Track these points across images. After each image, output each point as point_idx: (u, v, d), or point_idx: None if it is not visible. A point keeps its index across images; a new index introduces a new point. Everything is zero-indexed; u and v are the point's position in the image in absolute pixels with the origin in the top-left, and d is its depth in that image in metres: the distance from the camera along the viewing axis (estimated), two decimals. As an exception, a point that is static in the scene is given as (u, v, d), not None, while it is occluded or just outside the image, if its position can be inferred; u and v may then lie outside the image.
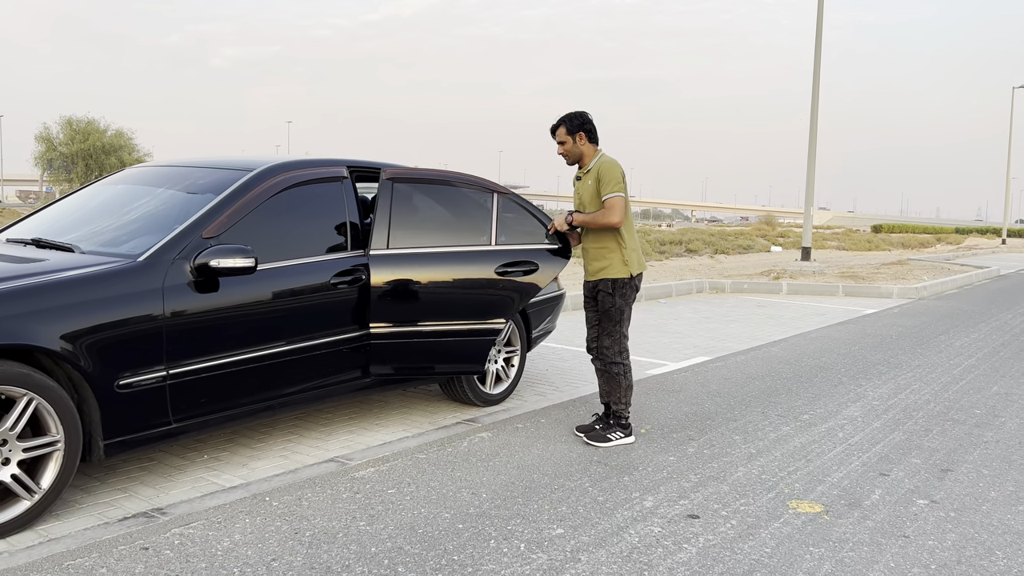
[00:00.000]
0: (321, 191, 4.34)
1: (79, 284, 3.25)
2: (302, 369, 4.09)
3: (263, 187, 4.04)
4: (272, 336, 3.91)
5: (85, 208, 4.26)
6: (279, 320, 3.94)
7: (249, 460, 4.10)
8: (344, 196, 4.44)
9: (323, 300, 4.15)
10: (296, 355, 4.04)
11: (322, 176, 4.37)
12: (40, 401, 3.08)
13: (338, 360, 4.28)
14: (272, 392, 3.98)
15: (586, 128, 4.51)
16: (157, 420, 3.51)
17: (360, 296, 4.34)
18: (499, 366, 5.36)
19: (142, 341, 3.39)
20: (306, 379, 4.13)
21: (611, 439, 4.47)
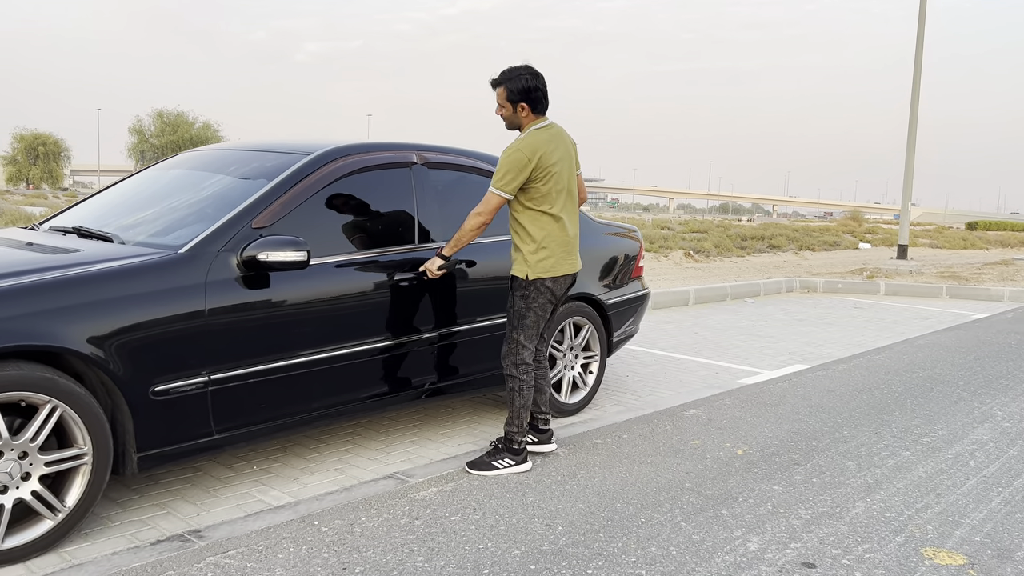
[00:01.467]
0: (387, 178, 3.93)
1: (110, 279, 2.91)
2: (362, 376, 3.69)
3: (321, 173, 3.65)
4: (330, 338, 3.53)
5: (135, 195, 3.95)
6: (337, 321, 3.54)
7: (301, 474, 3.72)
8: (413, 184, 4.02)
9: (386, 299, 3.74)
10: (355, 360, 3.64)
11: (388, 161, 3.95)
12: (65, 409, 2.74)
13: (404, 366, 3.86)
14: (329, 401, 3.59)
15: (531, 98, 3.68)
16: (197, 431, 3.15)
17: (428, 293, 3.93)
18: (576, 373, 4.88)
19: (180, 342, 3.03)
20: (366, 387, 3.73)
21: (497, 467, 3.76)
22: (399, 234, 3.91)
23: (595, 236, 4.99)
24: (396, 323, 3.79)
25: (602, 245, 5.01)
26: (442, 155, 4.26)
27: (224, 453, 3.60)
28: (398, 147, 4.06)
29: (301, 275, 3.41)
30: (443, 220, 4.11)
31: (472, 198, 4.33)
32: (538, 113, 3.77)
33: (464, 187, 4.36)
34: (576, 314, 4.76)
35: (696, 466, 3.97)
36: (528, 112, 3.73)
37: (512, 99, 3.69)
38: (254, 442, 3.41)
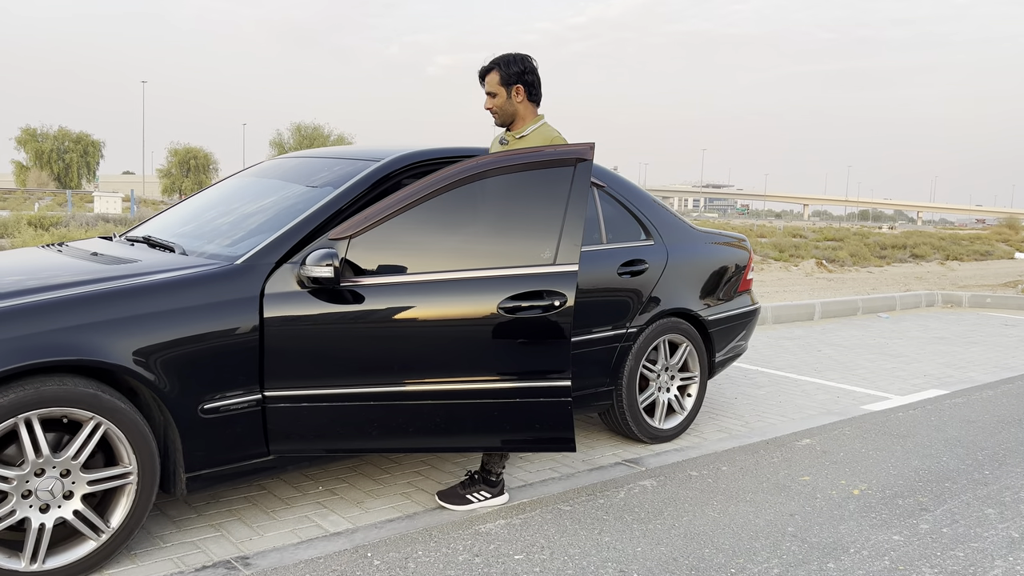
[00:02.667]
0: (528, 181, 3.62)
1: (159, 291, 2.80)
2: (441, 420, 3.15)
3: (420, 183, 3.16)
4: (416, 369, 3.06)
5: (216, 203, 3.89)
6: (424, 350, 3.06)
7: (366, 497, 3.53)
8: (571, 187, 3.73)
9: (488, 329, 3.07)
10: (436, 400, 3.10)
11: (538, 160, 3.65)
12: (109, 426, 2.65)
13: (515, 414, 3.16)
14: (404, 435, 3.16)
15: (526, 80, 3.38)
16: (250, 451, 3.01)
17: (546, 325, 3.08)
18: (672, 396, 4.48)
19: (232, 358, 2.89)
20: (444, 432, 3.16)
21: (471, 500, 3.38)
22: (525, 249, 3.17)
23: (695, 245, 4.58)
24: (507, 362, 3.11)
25: (703, 255, 4.59)
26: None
27: (286, 474, 3.44)
28: (478, 151, 3.81)
29: (387, 291, 3.04)
30: None
31: None
32: (534, 102, 3.46)
33: None
34: (672, 331, 4.37)
35: (803, 507, 3.51)
36: (524, 98, 3.41)
37: (507, 81, 3.37)
38: (315, 464, 3.24)
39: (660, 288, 4.29)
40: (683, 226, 4.58)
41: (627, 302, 4.14)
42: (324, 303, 3.03)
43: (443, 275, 3.08)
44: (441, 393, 3.11)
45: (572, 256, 3.09)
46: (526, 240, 3.09)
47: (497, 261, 3.08)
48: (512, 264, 3.07)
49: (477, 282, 3.06)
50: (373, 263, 3.08)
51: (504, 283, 3.06)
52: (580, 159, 3.15)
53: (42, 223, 19.49)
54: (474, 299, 3.06)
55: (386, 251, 3.09)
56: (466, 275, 3.07)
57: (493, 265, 3.07)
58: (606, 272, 4.05)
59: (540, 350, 3.10)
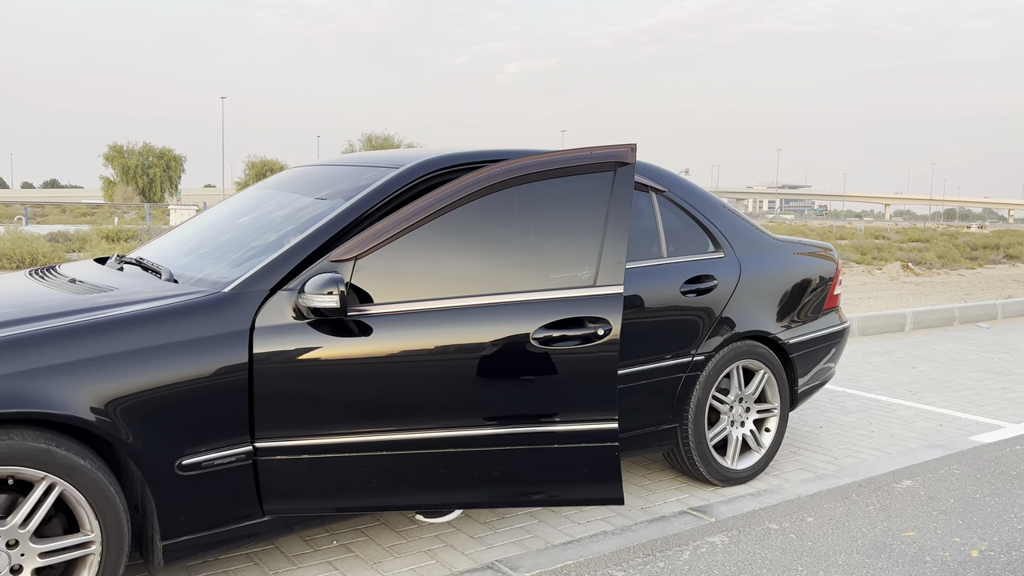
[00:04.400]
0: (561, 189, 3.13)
1: (128, 325, 2.38)
2: (462, 471, 2.73)
3: (434, 195, 2.73)
4: (436, 412, 2.63)
5: (223, 218, 3.47)
6: (445, 389, 2.63)
7: (386, 555, 3.05)
8: (612, 197, 3.22)
9: (520, 364, 2.67)
10: (464, 447, 2.68)
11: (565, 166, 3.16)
12: (65, 487, 2.23)
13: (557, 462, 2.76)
14: (421, 489, 2.73)
15: None
16: (241, 512, 2.56)
17: (589, 358, 2.70)
18: (747, 431, 3.88)
19: (217, 403, 2.45)
20: (465, 485, 2.75)
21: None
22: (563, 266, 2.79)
23: (773, 257, 3.96)
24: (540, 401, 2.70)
25: (782, 268, 3.98)
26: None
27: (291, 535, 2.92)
28: (519, 155, 3.30)
29: (401, 322, 2.60)
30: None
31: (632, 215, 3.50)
32: None
33: None
34: (747, 356, 3.77)
35: (909, 573, 2.88)
36: None
37: None
38: (323, 524, 2.78)
39: (732, 307, 3.71)
40: (758, 235, 3.98)
41: (693, 325, 3.57)
42: (326, 336, 2.58)
43: (466, 301, 2.65)
44: (465, 440, 2.67)
45: (616, 276, 2.71)
46: (561, 259, 2.70)
47: (528, 284, 2.69)
48: (546, 287, 2.68)
49: (506, 308, 2.67)
50: (383, 288, 2.65)
51: (537, 309, 2.68)
52: (620, 163, 2.76)
53: (117, 236, 19.88)
54: (503, 328, 2.65)
55: (397, 274, 2.66)
56: (493, 300, 2.65)
57: (523, 288, 2.69)
58: (667, 291, 3.49)
59: (581, 387, 2.69)
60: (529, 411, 2.67)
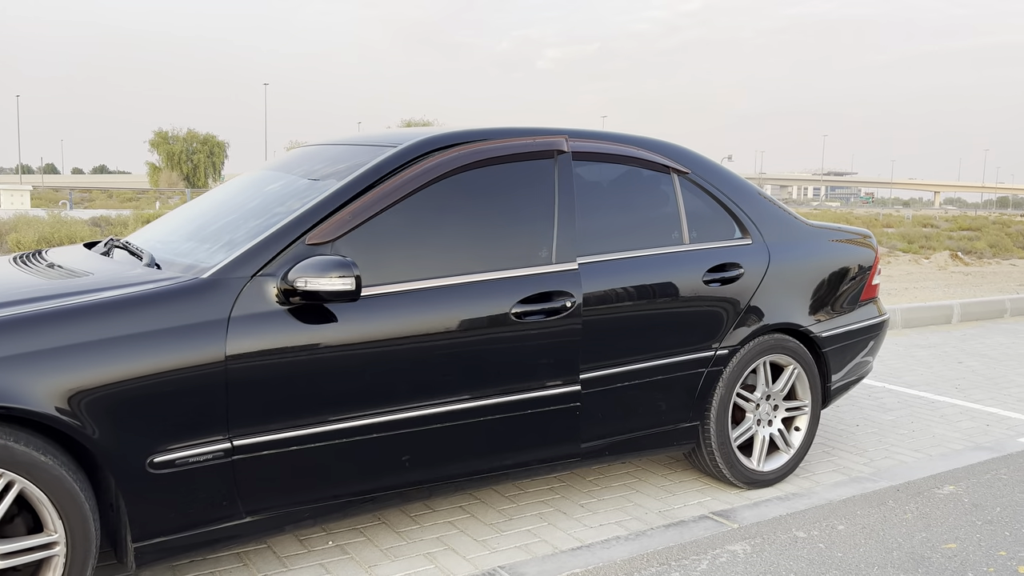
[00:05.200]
0: (516, 173, 2.98)
1: (94, 313, 2.22)
2: (458, 444, 2.78)
3: (413, 172, 2.75)
4: (418, 393, 2.65)
5: (221, 201, 3.31)
6: (429, 370, 2.66)
7: (383, 558, 2.88)
8: (557, 181, 3.04)
9: (500, 339, 2.78)
10: (450, 422, 2.73)
11: (516, 152, 2.99)
12: (25, 485, 2.09)
13: (523, 430, 2.90)
14: (417, 474, 2.72)
15: None
16: (218, 514, 2.41)
17: (561, 331, 2.91)
18: (774, 430, 3.62)
19: (190, 398, 2.29)
20: (462, 459, 2.81)
21: None
22: (528, 247, 2.93)
23: (805, 244, 3.69)
24: (516, 373, 2.83)
25: (816, 256, 3.70)
26: (596, 143, 3.23)
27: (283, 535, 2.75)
28: (539, 132, 3.08)
29: (371, 306, 2.56)
30: (595, 228, 3.08)
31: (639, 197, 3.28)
32: None
33: (628, 185, 3.31)
34: (775, 350, 3.52)
35: (949, 594, 2.63)
36: None
37: None
38: (304, 526, 2.61)
39: (760, 298, 3.45)
40: (790, 220, 3.71)
41: (716, 316, 3.32)
42: (310, 323, 2.45)
43: (445, 281, 2.70)
44: (456, 414, 2.72)
45: (570, 254, 2.98)
46: (522, 239, 2.91)
47: (497, 263, 2.84)
48: (512, 266, 2.86)
49: (483, 286, 2.77)
50: (363, 271, 2.59)
51: (510, 286, 2.82)
52: (559, 151, 3.06)
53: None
54: (484, 306, 2.76)
55: (375, 256, 2.63)
56: (469, 279, 2.76)
57: (494, 268, 2.83)
58: (687, 279, 3.25)
59: (553, 355, 2.90)
60: (513, 380, 2.81)
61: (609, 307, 3.02)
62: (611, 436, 3.13)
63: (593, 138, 3.22)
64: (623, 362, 3.08)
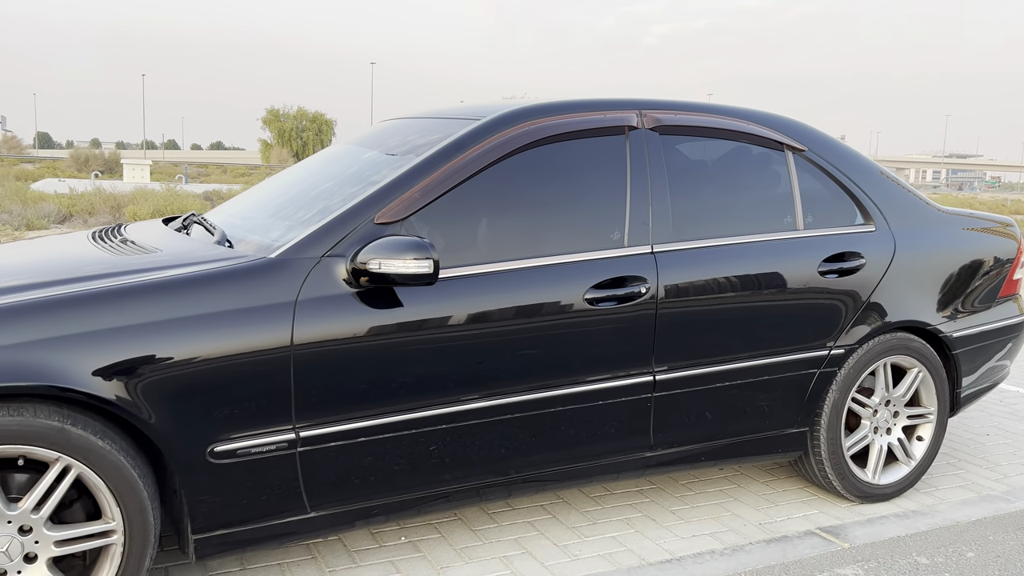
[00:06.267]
0: (588, 149, 2.73)
1: (155, 293, 2.11)
2: (539, 436, 2.58)
3: (487, 145, 2.56)
4: (487, 383, 2.46)
5: (301, 176, 3.18)
6: (498, 358, 2.46)
7: (456, 559, 2.70)
8: (629, 157, 2.77)
9: (572, 326, 2.56)
10: (529, 411, 2.53)
11: (589, 126, 2.74)
12: (82, 470, 2.00)
13: (603, 424, 2.67)
14: (490, 468, 2.54)
15: None
16: (281, 508, 2.28)
17: (634, 320, 2.65)
18: (893, 439, 3.25)
19: (254, 384, 2.16)
20: (536, 455, 2.60)
21: None
22: (603, 229, 2.69)
23: (937, 232, 3.29)
24: (589, 362, 2.60)
25: (949, 246, 3.29)
26: (685, 114, 2.93)
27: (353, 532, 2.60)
28: (608, 105, 2.82)
29: (440, 290, 2.37)
30: (684, 210, 2.80)
31: (745, 177, 2.98)
32: None
33: (733, 162, 3.00)
34: (897, 351, 3.15)
35: (1104, 645, 2.24)
36: None
37: None
38: (376, 522, 2.46)
39: (882, 292, 3.09)
40: (920, 205, 3.30)
41: (831, 311, 2.99)
42: (382, 307, 2.29)
43: (517, 264, 2.51)
44: (529, 404, 2.54)
45: (643, 238, 2.72)
46: (595, 220, 2.68)
47: (570, 246, 2.61)
48: (583, 249, 2.63)
49: (556, 270, 2.55)
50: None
51: (583, 270, 2.59)
52: (630, 127, 2.79)
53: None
54: (558, 289, 2.54)
55: (445, 238, 2.45)
56: (542, 263, 2.55)
57: (567, 250, 2.60)
58: (800, 269, 2.92)
59: (626, 344, 2.65)
60: (584, 371, 2.61)
61: (695, 297, 2.73)
62: (697, 439, 2.86)
63: (684, 110, 2.92)
64: (711, 359, 2.79)
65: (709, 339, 2.78)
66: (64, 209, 14.47)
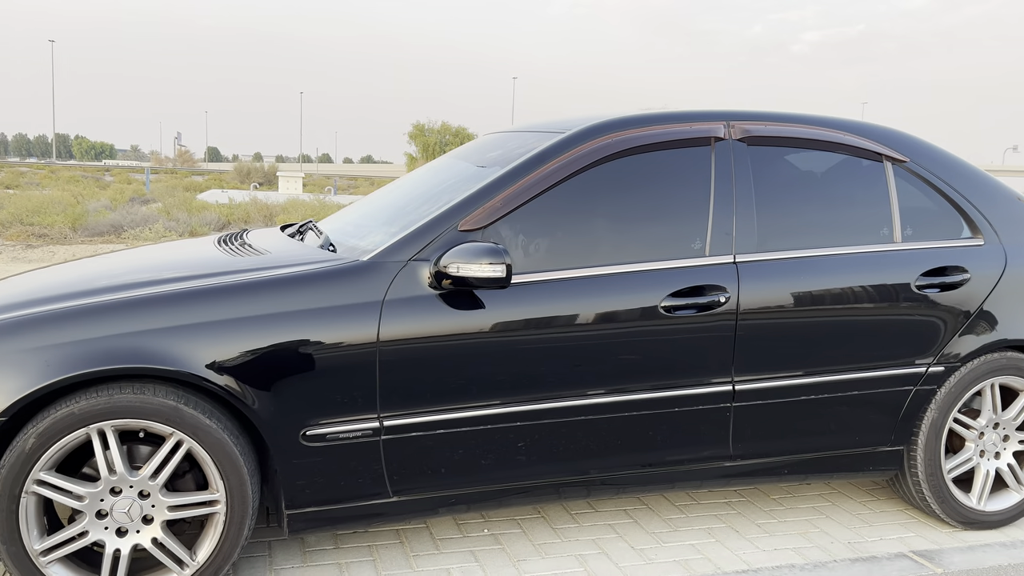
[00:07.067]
0: (673, 160, 2.79)
1: (260, 289, 2.36)
2: (614, 438, 2.66)
3: (569, 156, 2.67)
4: (562, 384, 2.57)
5: (405, 186, 3.41)
6: (574, 361, 2.56)
7: (532, 554, 2.81)
8: (714, 168, 2.80)
9: (647, 332, 2.62)
10: (603, 413, 2.62)
11: (673, 138, 2.79)
12: (192, 445, 2.27)
13: (680, 430, 2.72)
14: (567, 466, 2.65)
15: None
16: (367, 491, 2.47)
17: (712, 329, 2.68)
18: (1003, 464, 3.09)
19: (344, 376, 2.36)
20: (620, 454, 2.68)
21: None
22: (682, 238, 2.73)
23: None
24: (659, 368, 2.65)
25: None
26: (775, 125, 2.93)
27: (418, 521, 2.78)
28: (695, 117, 2.86)
29: (519, 293, 2.50)
30: (770, 220, 2.80)
31: (837, 187, 2.94)
32: None
33: (826, 173, 2.98)
34: (1006, 371, 3.00)
35: None
36: None
37: None
38: (458, 511, 2.62)
39: (990, 308, 2.96)
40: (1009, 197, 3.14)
41: (929, 327, 2.89)
42: (462, 308, 2.45)
43: (595, 271, 2.60)
44: (603, 407, 2.63)
45: (725, 248, 2.74)
46: (676, 230, 2.74)
47: (649, 254, 2.68)
48: (663, 257, 2.69)
49: (634, 277, 2.63)
50: (511, 258, 2.51)
51: (661, 277, 2.65)
52: (716, 138, 2.82)
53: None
54: (634, 298, 2.61)
55: (524, 245, 2.58)
56: (620, 270, 2.63)
57: (646, 258, 2.67)
58: (893, 284, 2.85)
59: (704, 353, 2.69)
60: (659, 377, 2.66)
61: (777, 308, 2.72)
62: (779, 451, 2.84)
63: (773, 120, 2.91)
64: (794, 371, 2.76)
65: (791, 351, 2.76)
66: (223, 217, 15.69)
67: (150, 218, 12.67)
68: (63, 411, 2.16)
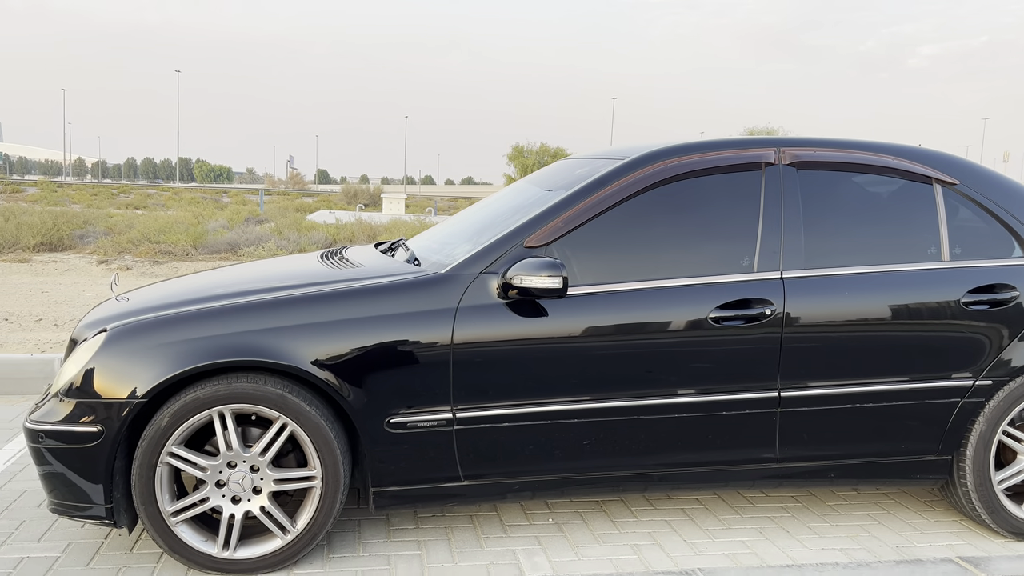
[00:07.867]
0: (723, 184, 3.05)
1: (354, 297, 2.75)
2: (668, 437, 2.93)
3: (626, 181, 2.97)
4: (616, 386, 2.86)
5: (485, 208, 3.77)
6: (627, 365, 2.86)
7: (591, 542, 3.09)
8: (763, 191, 3.04)
9: (697, 341, 2.88)
10: (657, 414, 2.89)
11: (725, 164, 3.05)
12: (295, 428, 2.67)
13: (729, 433, 2.95)
14: (625, 462, 2.94)
15: None
16: (441, 474, 2.82)
17: (759, 339, 2.92)
18: (1056, 477, 3.16)
19: (422, 372, 2.73)
20: (674, 452, 2.94)
21: None
22: (731, 255, 2.98)
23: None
24: (707, 375, 2.90)
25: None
26: (825, 151, 3.14)
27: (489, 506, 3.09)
28: (748, 143, 3.11)
29: (578, 303, 2.81)
30: (817, 240, 3.01)
31: (885, 210, 3.13)
32: None
33: (874, 196, 3.17)
34: (1059, 384, 3.08)
35: None
36: None
37: None
38: (523, 497, 2.93)
39: (1041, 326, 3.06)
40: None
41: (975, 343, 3.02)
42: (525, 315, 2.78)
43: (649, 284, 2.89)
44: (642, 409, 2.90)
45: (772, 265, 2.98)
46: (726, 248, 3.00)
47: (698, 269, 2.95)
48: (712, 272, 2.95)
49: (684, 290, 2.90)
50: (572, 272, 2.88)
51: (709, 291, 2.91)
52: (767, 163, 3.08)
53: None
54: (685, 307, 2.89)
55: (584, 259, 2.90)
56: (673, 283, 2.91)
57: (695, 273, 2.94)
58: (939, 300, 3.01)
59: (750, 362, 2.94)
60: (707, 382, 2.91)
61: (821, 320, 2.93)
62: (825, 456, 3.04)
63: (823, 146, 3.12)
64: (838, 381, 2.96)
65: (835, 361, 2.96)
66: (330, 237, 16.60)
67: (263, 237, 13.57)
68: (191, 395, 2.61)
